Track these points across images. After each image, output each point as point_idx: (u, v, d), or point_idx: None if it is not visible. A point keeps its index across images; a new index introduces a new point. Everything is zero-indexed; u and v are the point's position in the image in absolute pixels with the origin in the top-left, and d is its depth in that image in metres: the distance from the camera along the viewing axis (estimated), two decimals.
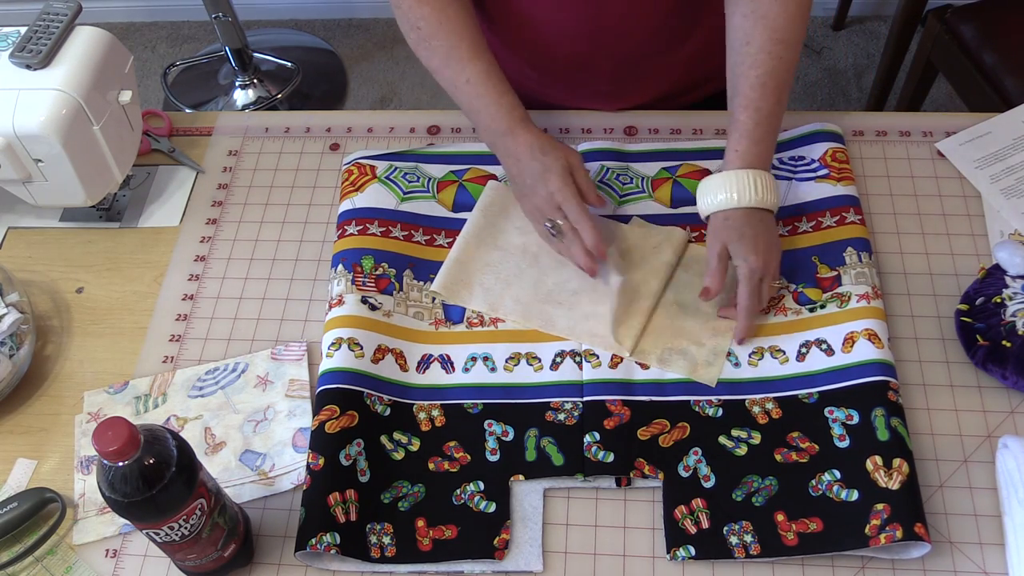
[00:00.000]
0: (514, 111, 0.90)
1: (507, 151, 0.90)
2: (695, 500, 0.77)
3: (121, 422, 0.62)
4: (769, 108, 0.85)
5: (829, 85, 2.27)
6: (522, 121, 0.90)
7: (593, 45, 0.99)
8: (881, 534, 0.72)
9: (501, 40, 1.04)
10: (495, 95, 0.90)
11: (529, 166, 0.88)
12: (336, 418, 0.81)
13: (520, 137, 0.88)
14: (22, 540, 0.80)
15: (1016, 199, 0.94)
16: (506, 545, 0.77)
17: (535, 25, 0.99)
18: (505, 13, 0.99)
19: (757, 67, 0.85)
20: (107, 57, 0.93)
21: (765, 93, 0.85)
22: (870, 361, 0.81)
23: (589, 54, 1.00)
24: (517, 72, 1.04)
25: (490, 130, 0.91)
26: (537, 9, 0.97)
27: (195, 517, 0.68)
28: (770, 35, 0.84)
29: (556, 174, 0.86)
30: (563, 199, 0.86)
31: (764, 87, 0.85)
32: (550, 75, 1.05)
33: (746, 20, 0.86)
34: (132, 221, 1.02)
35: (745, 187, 0.84)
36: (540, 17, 0.97)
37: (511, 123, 0.89)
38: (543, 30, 0.99)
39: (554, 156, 0.87)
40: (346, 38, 2.51)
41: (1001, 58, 1.53)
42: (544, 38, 1.00)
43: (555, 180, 0.86)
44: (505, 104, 0.90)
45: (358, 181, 0.99)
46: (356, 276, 0.90)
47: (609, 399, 0.82)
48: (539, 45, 1.01)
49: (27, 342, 0.88)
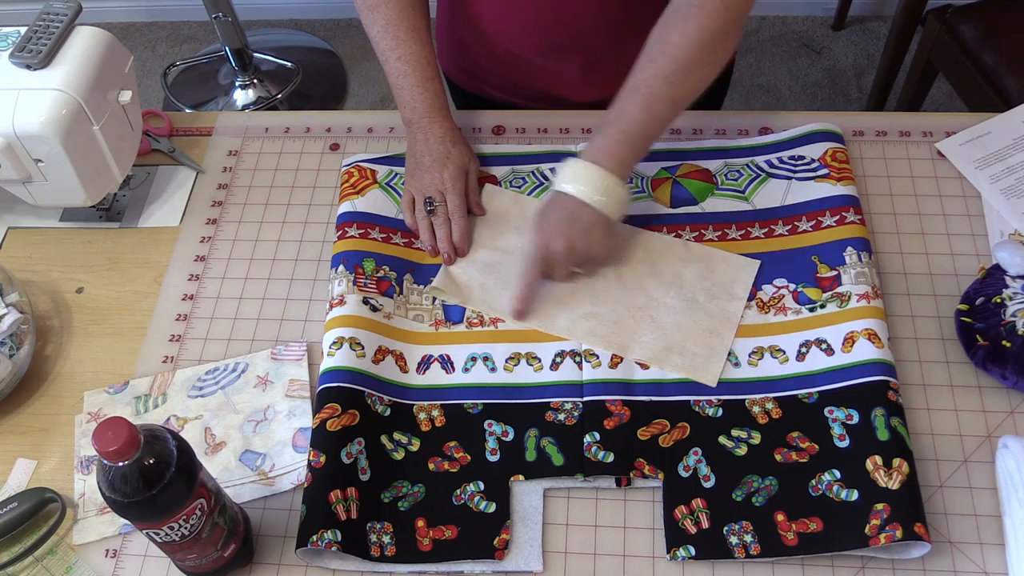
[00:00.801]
0: (436, 98, 0.96)
1: (420, 130, 0.96)
2: (695, 500, 0.77)
3: (121, 422, 0.62)
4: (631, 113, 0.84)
5: (829, 85, 2.27)
6: (441, 109, 0.96)
7: (552, 36, 1.00)
8: (881, 534, 0.72)
9: (469, 28, 1.06)
10: (422, 79, 0.95)
11: (435, 149, 0.94)
12: (337, 416, 0.81)
13: (436, 123, 0.95)
14: (22, 540, 0.80)
15: (1016, 199, 0.94)
16: (506, 545, 0.77)
17: (493, 17, 1.01)
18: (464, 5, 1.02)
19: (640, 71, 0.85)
20: (107, 57, 0.93)
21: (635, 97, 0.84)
22: (870, 361, 0.81)
23: (554, 43, 1.01)
24: (486, 59, 1.07)
25: (410, 107, 0.96)
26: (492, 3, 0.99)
27: (195, 517, 0.68)
28: (663, 46, 0.84)
29: (455, 165, 0.94)
30: (450, 188, 0.93)
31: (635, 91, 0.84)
32: (518, 65, 1.06)
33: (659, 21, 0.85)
34: (132, 221, 1.02)
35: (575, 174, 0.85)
36: (496, 10, 1.00)
37: (430, 108, 0.95)
38: (504, 22, 1.01)
39: (459, 151, 0.95)
40: (346, 38, 2.51)
41: (1001, 58, 1.53)
42: (506, 29, 1.02)
43: (452, 169, 0.93)
44: (430, 89, 0.95)
45: (359, 184, 0.99)
46: (358, 277, 0.90)
47: (609, 399, 0.82)
48: (501, 36, 1.03)
49: (27, 342, 0.89)
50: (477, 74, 1.13)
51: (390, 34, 0.95)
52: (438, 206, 0.93)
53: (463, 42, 1.10)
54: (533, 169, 1.00)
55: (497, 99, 1.14)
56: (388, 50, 0.95)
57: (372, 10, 0.95)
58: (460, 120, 1.06)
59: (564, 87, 1.07)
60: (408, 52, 0.95)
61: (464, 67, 1.15)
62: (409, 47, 0.95)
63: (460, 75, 1.17)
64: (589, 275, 0.90)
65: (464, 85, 1.17)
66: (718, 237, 0.93)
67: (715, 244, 0.93)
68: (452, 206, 0.93)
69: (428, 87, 0.95)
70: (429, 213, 0.93)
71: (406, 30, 0.95)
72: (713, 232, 0.93)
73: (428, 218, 0.93)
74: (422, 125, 0.95)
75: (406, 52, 0.95)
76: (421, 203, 0.94)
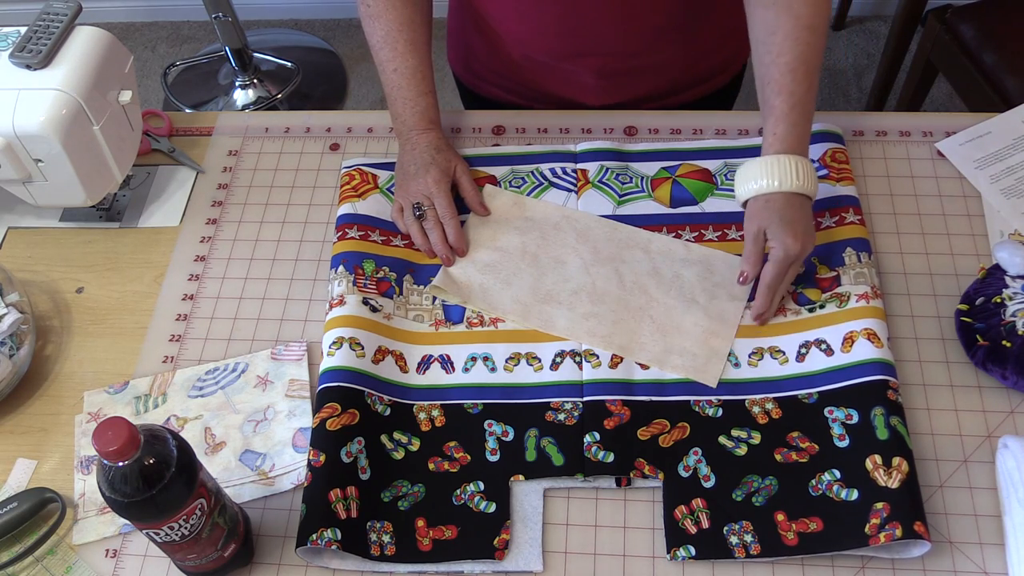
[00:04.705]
0: (427, 112, 0.97)
1: (408, 141, 0.97)
2: (695, 500, 0.77)
3: (121, 422, 0.62)
4: (802, 93, 0.85)
5: (829, 85, 2.27)
6: (431, 122, 0.98)
7: (572, 42, 1.00)
8: (881, 533, 0.72)
9: (483, 32, 1.06)
10: (415, 93, 0.96)
11: (420, 156, 0.95)
12: (337, 416, 0.81)
13: (424, 135, 0.97)
14: (22, 540, 0.80)
15: (1016, 199, 0.94)
16: (506, 545, 0.77)
17: (513, 22, 1.01)
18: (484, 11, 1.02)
19: (785, 54, 0.85)
20: (107, 57, 0.93)
21: (796, 78, 0.84)
22: (869, 360, 0.81)
23: (573, 49, 1.01)
24: (500, 63, 1.07)
25: (401, 119, 0.98)
26: (510, 8, 0.99)
27: (195, 517, 0.68)
28: (795, 22, 0.84)
29: (438, 168, 0.95)
30: (436, 192, 0.94)
31: (795, 72, 0.84)
32: (533, 69, 1.06)
33: (768, 11, 0.86)
34: (132, 221, 1.02)
35: (787, 172, 0.83)
36: (516, 15, 1.00)
37: (420, 121, 0.97)
38: (524, 27, 1.01)
39: (444, 156, 0.96)
40: (346, 38, 2.51)
41: (1001, 58, 1.53)
42: (523, 35, 1.02)
43: (435, 173, 0.94)
44: (422, 104, 0.97)
45: (360, 187, 0.99)
46: (358, 278, 0.90)
47: (609, 399, 0.82)
48: (519, 41, 1.03)
49: (27, 342, 0.88)
50: (489, 78, 1.13)
51: (389, 45, 0.96)
52: (427, 210, 0.93)
53: (475, 45, 1.10)
54: (533, 169, 1.00)
55: (509, 102, 1.14)
56: (386, 61, 0.96)
57: (374, 20, 0.96)
58: (460, 120, 1.06)
59: (578, 91, 1.07)
60: (405, 65, 0.96)
61: (475, 71, 1.15)
62: (406, 60, 0.96)
63: (471, 78, 1.17)
64: (590, 275, 0.90)
65: (475, 88, 1.17)
66: (718, 237, 0.93)
67: (715, 244, 0.93)
68: (441, 209, 0.93)
69: (420, 101, 0.96)
70: (419, 218, 0.93)
71: (404, 43, 0.96)
72: (713, 232, 0.94)
73: (418, 223, 0.94)
74: (411, 137, 0.97)
75: (403, 65, 0.96)
76: (409, 209, 0.94)
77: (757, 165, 0.85)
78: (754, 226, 0.85)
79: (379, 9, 0.95)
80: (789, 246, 0.82)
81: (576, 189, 0.98)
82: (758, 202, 0.85)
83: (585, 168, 0.98)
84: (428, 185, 0.94)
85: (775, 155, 0.84)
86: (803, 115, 0.85)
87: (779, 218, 0.83)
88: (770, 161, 0.84)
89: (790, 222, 0.83)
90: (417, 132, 0.96)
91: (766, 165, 0.84)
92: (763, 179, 0.84)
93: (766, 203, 0.84)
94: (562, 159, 1.00)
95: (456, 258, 0.93)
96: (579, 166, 0.99)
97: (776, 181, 0.83)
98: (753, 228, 0.85)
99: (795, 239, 0.82)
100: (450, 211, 0.93)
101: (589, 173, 0.98)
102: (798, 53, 0.84)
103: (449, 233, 0.93)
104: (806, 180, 0.84)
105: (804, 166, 0.84)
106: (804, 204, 0.85)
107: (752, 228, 0.85)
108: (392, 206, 0.97)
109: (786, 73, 0.85)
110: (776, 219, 0.83)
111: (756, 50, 0.88)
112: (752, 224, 0.85)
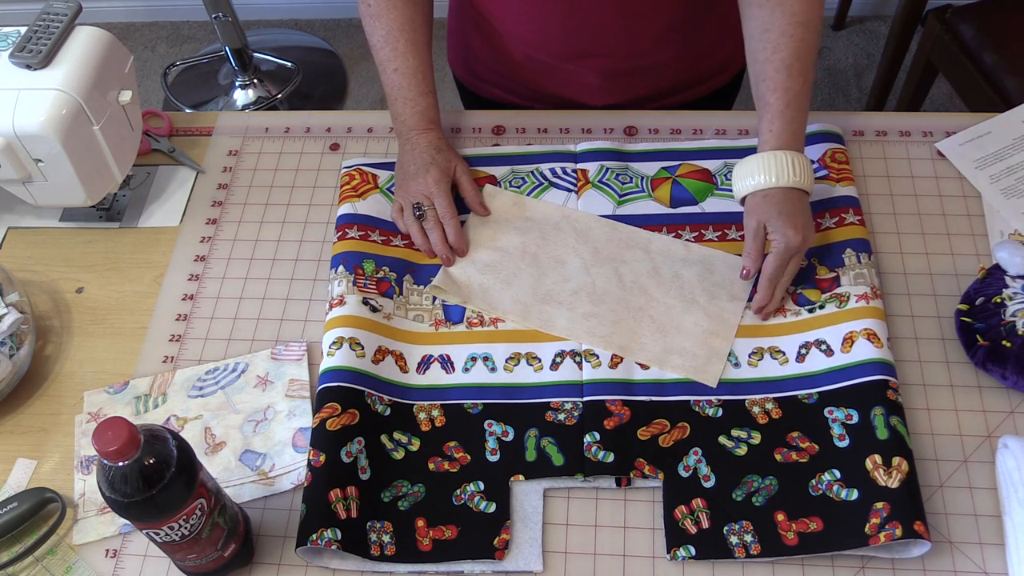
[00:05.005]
0: (427, 112, 0.97)
1: (407, 141, 0.97)
2: (695, 500, 0.77)
3: (121, 422, 0.62)
4: (797, 89, 0.85)
5: (829, 85, 2.27)
6: (431, 122, 0.98)
7: (576, 42, 1.00)
8: (881, 532, 0.72)
9: (484, 33, 1.06)
10: (415, 93, 0.96)
11: (420, 156, 0.95)
12: (337, 416, 0.81)
13: (423, 135, 0.97)
14: (22, 540, 0.80)
15: (1016, 199, 0.94)
16: (506, 545, 0.77)
17: (516, 23, 1.01)
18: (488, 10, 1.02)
19: (780, 50, 0.85)
20: (107, 57, 0.93)
21: (791, 75, 0.85)
22: (869, 360, 0.81)
23: (577, 49, 1.01)
24: (502, 64, 1.07)
25: (401, 119, 0.98)
26: (514, 7, 0.99)
27: (195, 517, 0.68)
28: (789, 19, 0.85)
29: (438, 168, 0.95)
30: (436, 192, 0.94)
31: (790, 69, 0.85)
32: (536, 70, 1.06)
33: (762, 8, 0.86)
34: (132, 221, 1.02)
35: (783, 167, 0.84)
36: (519, 15, 1.00)
37: (421, 122, 0.97)
38: (528, 28, 1.01)
39: (444, 157, 0.96)
40: (346, 38, 2.51)
41: (1001, 58, 1.53)
42: (526, 35, 1.02)
43: (435, 173, 0.94)
44: (422, 104, 0.97)
45: (360, 187, 0.99)
46: (358, 278, 0.90)
47: (609, 399, 0.82)
48: (522, 42, 1.03)
49: (27, 342, 0.88)
50: (489, 78, 1.13)
51: (389, 45, 0.96)
52: (427, 210, 0.93)
53: (476, 46, 1.10)
54: (533, 169, 1.00)
55: (509, 102, 1.14)
56: (386, 60, 0.96)
57: (375, 19, 0.96)
58: (460, 120, 1.06)
59: (581, 92, 1.07)
60: (405, 65, 0.96)
61: (476, 71, 1.14)
62: (407, 60, 0.96)
63: (471, 79, 1.17)
64: (590, 275, 0.90)
65: (475, 88, 1.17)
66: (718, 237, 0.93)
67: (715, 244, 0.93)
68: (440, 208, 0.93)
69: (420, 101, 0.96)
70: (418, 218, 0.93)
71: (405, 43, 0.95)
72: (713, 232, 0.94)
73: (418, 223, 0.94)
74: (410, 137, 0.97)
75: (403, 65, 0.96)
76: (409, 209, 0.94)
77: (754, 161, 0.85)
78: (753, 221, 0.85)
79: (380, 9, 0.95)
80: (790, 237, 0.82)
81: (576, 189, 0.98)
82: (756, 198, 0.85)
83: (585, 168, 0.99)
84: (428, 185, 0.94)
85: (771, 151, 0.85)
86: (798, 111, 0.86)
87: (778, 211, 0.83)
88: (767, 157, 0.84)
89: (790, 215, 0.83)
90: (417, 132, 0.97)
91: (763, 161, 0.85)
92: (760, 175, 0.84)
93: (764, 198, 0.84)
94: (562, 159, 1.00)
95: (456, 258, 0.93)
96: (579, 166, 0.99)
97: (773, 177, 0.84)
98: (753, 223, 0.85)
99: (796, 231, 0.83)
100: (450, 211, 0.93)
101: (589, 173, 0.98)
102: (792, 50, 0.85)
103: (449, 233, 0.93)
104: (803, 175, 0.84)
105: (800, 162, 0.84)
106: (802, 198, 0.85)
107: (752, 223, 0.85)
108: (392, 206, 0.97)
109: (781, 70, 0.85)
110: (775, 212, 0.84)
111: (750, 47, 0.88)
112: (752, 219, 0.85)
